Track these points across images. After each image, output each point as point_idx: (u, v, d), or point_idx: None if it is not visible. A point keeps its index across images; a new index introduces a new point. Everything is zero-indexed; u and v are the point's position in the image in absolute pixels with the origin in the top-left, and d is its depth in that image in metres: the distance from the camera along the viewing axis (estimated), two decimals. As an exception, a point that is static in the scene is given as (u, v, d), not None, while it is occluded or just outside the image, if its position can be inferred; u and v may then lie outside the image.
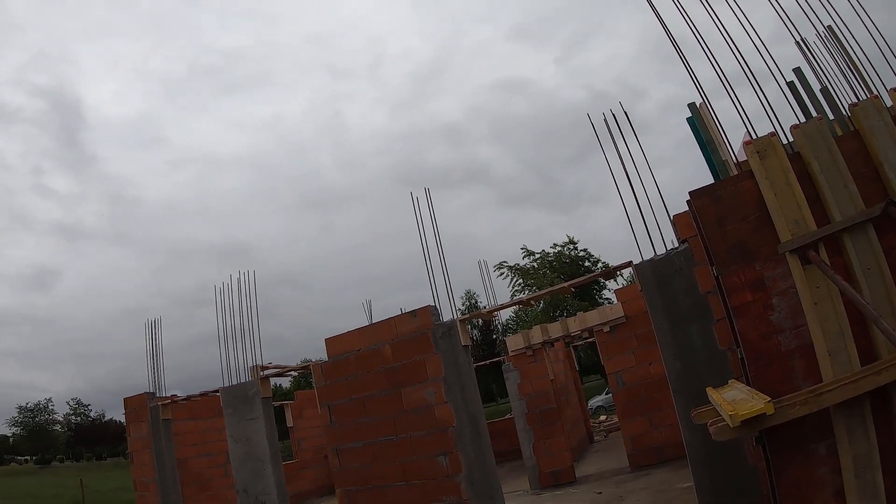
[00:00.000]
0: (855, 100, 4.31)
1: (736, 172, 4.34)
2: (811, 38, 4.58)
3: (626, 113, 5.92)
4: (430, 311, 6.69)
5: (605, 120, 5.90)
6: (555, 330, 11.51)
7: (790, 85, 4.33)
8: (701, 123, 4.70)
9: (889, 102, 4.19)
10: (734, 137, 4.57)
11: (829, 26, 4.56)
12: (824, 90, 4.35)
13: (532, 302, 12.35)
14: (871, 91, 4.39)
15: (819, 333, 3.74)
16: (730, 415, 3.23)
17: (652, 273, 5.49)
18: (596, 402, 26.64)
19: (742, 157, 4.27)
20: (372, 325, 7.37)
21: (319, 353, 7.92)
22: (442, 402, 6.44)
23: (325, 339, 7.39)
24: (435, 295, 6.92)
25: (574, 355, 17.03)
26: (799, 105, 4.28)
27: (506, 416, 17.16)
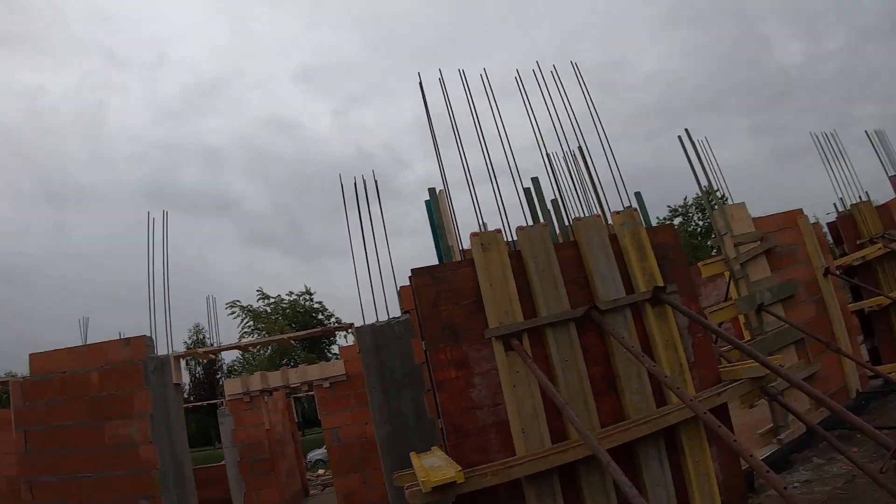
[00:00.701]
0: (581, 214, 5.11)
1: (460, 259, 4.81)
2: (561, 152, 5.35)
3: (375, 181, 6.12)
4: (145, 342, 6.21)
5: (355, 184, 6.06)
6: (275, 379, 11.43)
7: (526, 190, 4.98)
8: (436, 208, 5.14)
9: (610, 221, 5.03)
10: (473, 226, 5.03)
11: (580, 147, 5.36)
12: (554, 201, 5.09)
13: (250, 348, 12.18)
14: (599, 209, 5.24)
15: (515, 413, 4.23)
16: (422, 480, 3.47)
17: (371, 337, 5.69)
18: (315, 455, 26.28)
19: (468, 246, 4.66)
20: (82, 346, 6.64)
21: (25, 369, 6.93)
22: (147, 442, 5.95)
23: (30, 355, 6.46)
24: (152, 324, 6.45)
25: (295, 406, 16.85)
26: (530, 210, 4.93)
27: (221, 462, 16.29)
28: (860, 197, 9.85)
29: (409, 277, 4.49)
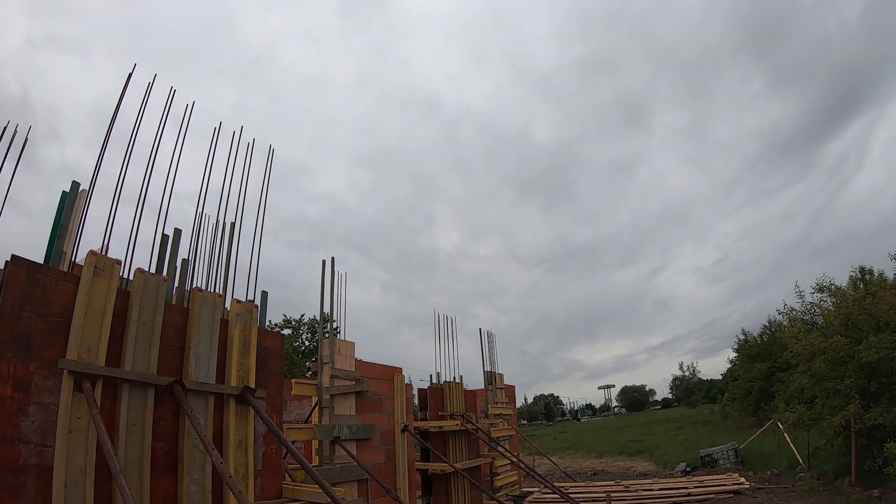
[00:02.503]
0: (204, 287, 5.14)
1: (65, 270, 4.28)
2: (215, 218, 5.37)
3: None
4: None
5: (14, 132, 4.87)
6: None
7: (164, 237, 4.83)
8: (70, 205, 4.49)
9: (227, 306, 5.15)
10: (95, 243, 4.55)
11: (233, 223, 5.44)
12: (186, 261, 5.04)
13: None
14: (223, 289, 5.28)
15: (63, 462, 3.72)
16: None
17: None
18: None
19: (81, 262, 4.28)
20: None
21: None
22: None
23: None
24: None
25: None
26: (159, 258, 4.76)
27: None
28: (454, 378, 11.68)
29: (6, 262, 3.83)
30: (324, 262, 7.27)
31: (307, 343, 39.21)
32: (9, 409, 3.64)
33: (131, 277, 4.48)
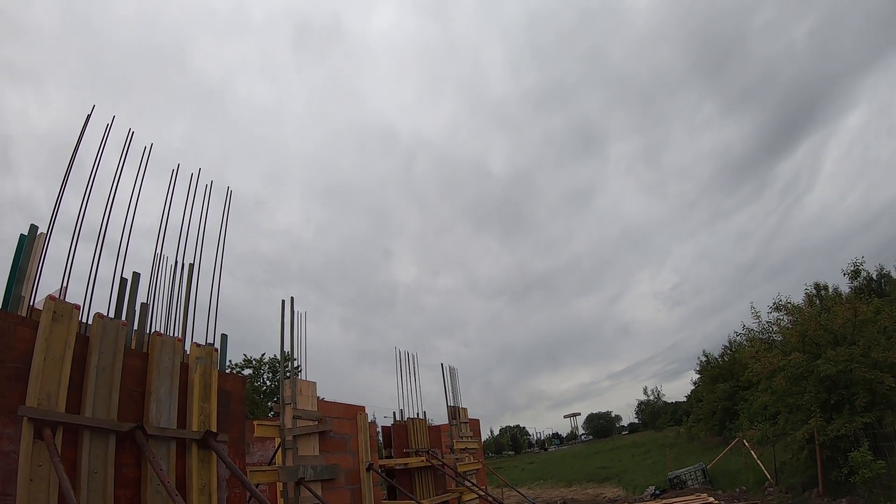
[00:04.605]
0: (164, 331, 5.18)
1: (23, 315, 4.28)
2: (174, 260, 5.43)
3: None
4: None
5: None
6: None
7: (122, 280, 4.87)
8: (28, 249, 4.52)
9: (187, 349, 5.18)
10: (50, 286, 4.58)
11: (192, 264, 5.54)
12: (145, 305, 5.08)
13: None
14: (182, 332, 5.31)
15: None
16: None
17: None
18: None
19: (39, 306, 4.30)
20: None
21: None
22: None
23: None
24: None
25: None
26: (118, 302, 4.80)
27: None
28: (418, 414, 11.76)
29: None
30: (283, 301, 7.34)
31: (268, 382, 38.73)
32: (-32, 457, 3.60)
33: (90, 321, 4.50)
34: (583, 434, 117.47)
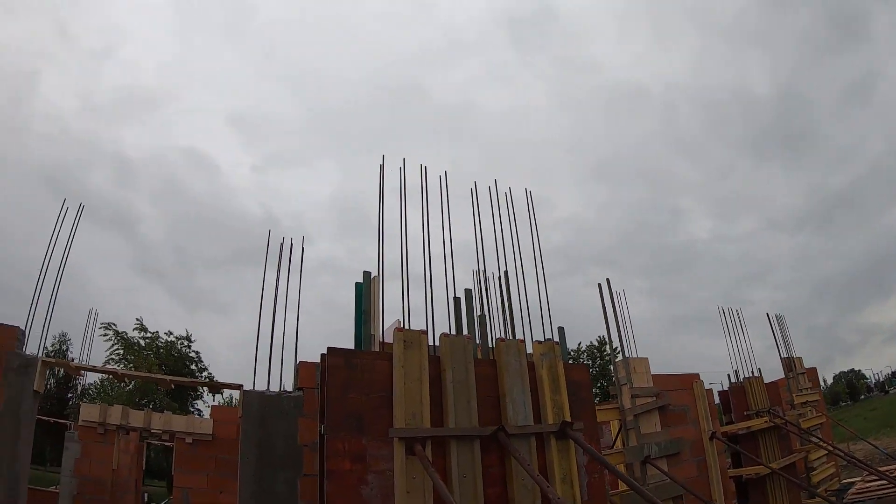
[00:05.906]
0: (504, 336, 5.46)
1: (377, 350, 4.93)
2: (491, 271, 5.72)
3: (299, 247, 5.93)
4: (17, 334, 5.38)
5: (282, 244, 5.85)
6: (136, 418, 10.45)
7: (455, 300, 5.31)
8: (367, 293, 5.27)
9: (530, 350, 5.40)
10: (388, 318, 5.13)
11: (506, 272, 5.76)
12: (481, 317, 5.44)
13: (126, 378, 11.39)
14: (522, 335, 5.56)
15: None
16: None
17: (259, 405, 5.28)
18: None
19: (389, 340, 4.80)
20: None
21: None
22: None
23: None
24: (30, 320, 5.67)
25: (145, 452, 15.85)
26: (456, 320, 5.23)
27: (51, 488, 14.84)
28: (752, 372, 10.94)
29: (322, 355, 4.44)
30: (599, 285, 7.44)
31: (591, 371, 39.75)
32: (350, 480, 4.19)
33: (435, 342, 4.95)
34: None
